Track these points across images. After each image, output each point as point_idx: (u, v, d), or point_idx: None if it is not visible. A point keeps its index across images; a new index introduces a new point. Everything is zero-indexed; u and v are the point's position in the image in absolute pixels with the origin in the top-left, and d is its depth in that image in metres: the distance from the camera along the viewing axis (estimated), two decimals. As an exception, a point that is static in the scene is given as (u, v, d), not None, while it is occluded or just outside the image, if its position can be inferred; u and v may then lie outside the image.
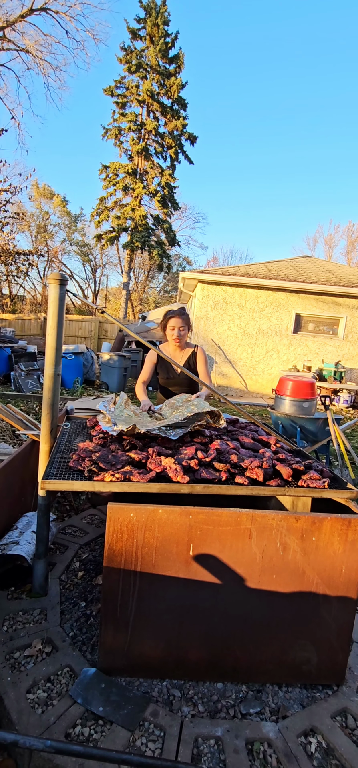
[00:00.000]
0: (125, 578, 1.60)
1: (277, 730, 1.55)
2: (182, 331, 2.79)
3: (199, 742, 1.49)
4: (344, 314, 10.92)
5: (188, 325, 2.84)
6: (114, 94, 22.15)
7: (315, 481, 1.78)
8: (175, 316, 2.79)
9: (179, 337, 2.80)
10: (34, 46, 17.97)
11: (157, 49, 21.24)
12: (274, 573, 1.66)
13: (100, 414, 2.36)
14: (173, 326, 2.80)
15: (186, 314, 2.85)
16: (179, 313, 2.80)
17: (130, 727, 1.48)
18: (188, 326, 2.84)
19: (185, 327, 2.81)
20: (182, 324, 2.78)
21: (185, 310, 2.89)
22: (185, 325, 2.80)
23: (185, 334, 2.82)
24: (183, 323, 2.79)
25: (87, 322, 18.48)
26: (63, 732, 1.44)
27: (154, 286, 35.37)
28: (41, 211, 29.07)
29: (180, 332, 2.79)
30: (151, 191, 22.38)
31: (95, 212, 23.20)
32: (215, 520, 1.59)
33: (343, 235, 37.19)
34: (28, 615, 1.99)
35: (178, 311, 2.82)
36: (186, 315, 2.84)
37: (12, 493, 2.47)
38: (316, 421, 4.80)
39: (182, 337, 2.81)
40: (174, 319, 2.79)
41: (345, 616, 1.72)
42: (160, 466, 1.72)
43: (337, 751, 1.50)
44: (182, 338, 2.82)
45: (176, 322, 2.78)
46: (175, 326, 2.79)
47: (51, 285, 2.01)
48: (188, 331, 2.87)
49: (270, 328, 11.12)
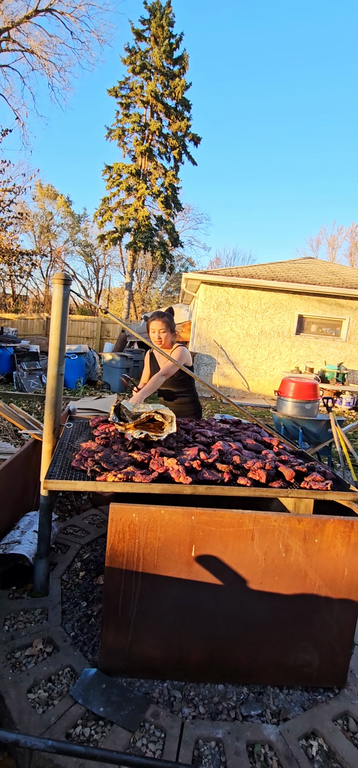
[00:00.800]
0: (127, 579, 1.60)
1: (278, 732, 1.54)
2: (162, 333, 2.79)
3: (199, 743, 1.48)
4: (347, 316, 10.90)
5: (170, 326, 2.82)
6: (118, 94, 22.21)
7: (318, 482, 1.77)
8: (154, 319, 2.81)
9: (159, 339, 2.81)
10: (39, 47, 18.05)
11: (162, 50, 21.28)
12: (276, 575, 1.65)
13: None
14: (153, 329, 2.82)
15: (167, 315, 2.84)
16: (157, 316, 2.81)
17: (130, 727, 1.48)
18: (170, 327, 2.82)
19: (166, 328, 2.80)
20: (161, 326, 2.79)
21: (166, 312, 2.87)
22: (166, 327, 2.79)
23: (166, 335, 2.81)
24: (162, 324, 2.79)
25: (89, 323, 18.52)
26: (64, 732, 1.44)
27: (157, 287, 35.42)
28: (45, 212, 29.18)
29: (160, 334, 2.80)
30: (154, 192, 22.42)
31: (98, 212, 23.26)
32: (218, 521, 1.59)
33: (346, 237, 37.27)
34: (30, 614, 1.99)
35: (156, 313, 2.83)
36: (167, 316, 2.83)
37: (14, 493, 2.48)
38: (318, 422, 4.79)
39: (163, 339, 2.81)
40: (153, 322, 2.81)
41: (347, 619, 1.71)
42: (162, 466, 1.72)
43: (338, 755, 1.49)
44: (164, 340, 2.81)
45: (155, 325, 2.80)
46: (154, 329, 2.81)
47: (55, 285, 2.01)
48: (171, 332, 2.85)
49: (273, 330, 11.11)
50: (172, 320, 2.90)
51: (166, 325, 2.80)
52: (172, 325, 2.88)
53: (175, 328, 2.92)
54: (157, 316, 2.81)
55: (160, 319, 2.79)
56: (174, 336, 2.93)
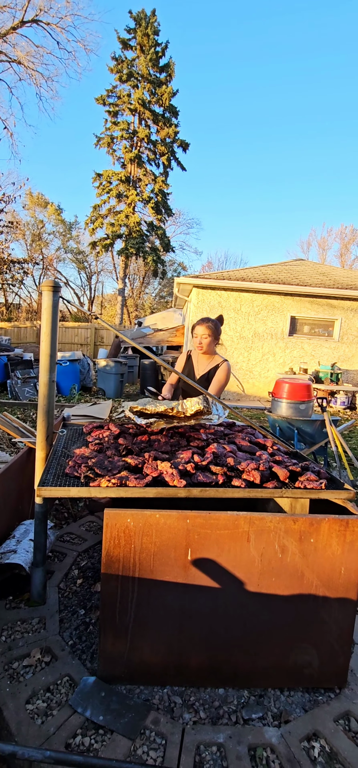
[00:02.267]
0: (124, 584, 1.59)
1: (279, 735, 1.54)
2: (205, 339, 2.83)
3: (201, 749, 1.47)
4: (339, 316, 10.98)
5: (214, 333, 2.85)
6: (106, 102, 22.30)
7: (312, 482, 1.78)
8: (200, 324, 2.86)
9: (201, 345, 2.85)
10: (26, 58, 18.08)
11: (148, 58, 21.43)
12: (273, 576, 1.65)
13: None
14: (196, 334, 2.87)
15: (212, 322, 2.86)
16: (203, 321, 2.86)
17: (131, 735, 1.47)
18: (214, 334, 2.85)
19: (209, 335, 2.83)
20: (205, 332, 2.83)
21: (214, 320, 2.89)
22: (209, 333, 2.83)
23: (209, 342, 2.84)
24: (206, 330, 2.83)
25: (83, 329, 18.48)
26: (63, 742, 1.42)
27: (150, 292, 35.45)
28: (36, 220, 29.13)
29: (202, 340, 2.84)
30: (144, 198, 22.51)
31: (89, 220, 23.28)
32: (213, 523, 1.59)
33: (336, 238, 37.54)
34: (27, 624, 1.97)
35: (203, 320, 2.87)
36: (212, 323, 2.86)
37: (9, 502, 2.45)
38: (313, 423, 4.81)
39: (204, 345, 2.84)
40: (198, 327, 2.86)
41: (346, 618, 1.71)
42: (156, 470, 1.71)
43: (340, 755, 1.49)
44: (205, 346, 2.84)
45: (199, 330, 2.85)
46: (197, 334, 2.86)
47: (44, 292, 2.01)
48: (215, 339, 2.88)
49: (266, 332, 11.16)
50: (218, 328, 2.92)
51: (210, 331, 2.83)
52: (218, 332, 2.90)
53: (219, 336, 2.94)
54: (202, 321, 2.86)
55: (205, 325, 2.83)
56: (217, 344, 2.96)
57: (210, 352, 2.92)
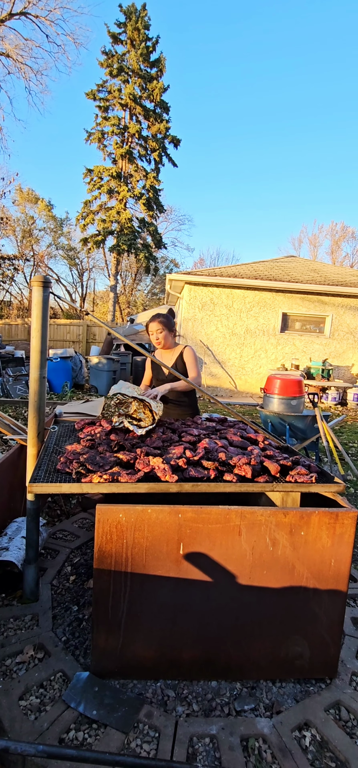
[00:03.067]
0: (116, 580, 1.59)
1: (271, 725, 1.56)
2: (160, 333, 2.82)
3: (194, 741, 1.49)
4: (330, 312, 11.07)
5: (167, 326, 2.84)
6: (96, 97, 22.11)
7: (303, 476, 1.80)
8: (151, 321, 2.85)
9: (158, 341, 2.85)
10: (15, 51, 17.82)
11: (139, 53, 21.28)
12: (264, 569, 1.67)
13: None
14: (151, 332, 2.86)
15: (163, 316, 2.85)
16: (154, 318, 2.84)
17: (124, 729, 1.47)
18: (168, 327, 2.84)
19: (163, 329, 2.82)
20: (158, 327, 2.82)
21: (164, 313, 2.88)
22: (163, 327, 2.82)
23: (165, 335, 2.84)
24: (158, 326, 2.81)
25: (75, 326, 18.37)
26: (57, 737, 1.42)
27: (142, 289, 35.35)
28: (26, 216, 28.81)
29: (158, 335, 2.83)
30: (136, 194, 22.38)
31: (80, 216, 23.10)
32: (205, 518, 1.60)
33: (327, 235, 37.75)
34: (20, 621, 1.96)
35: (154, 316, 2.86)
36: (163, 317, 2.84)
37: (1, 499, 2.44)
38: (304, 418, 4.85)
39: (162, 340, 2.84)
40: (151, 324, 2.85)
41: (336, 609, 1.73)
42: (148, 466, 1.72)
43: (331, 744, 1.51)
44: (163, 340, 2.84)
45: (152, 327, 2.84)
46: (153, 331, 2.85)
47: (34, 287, 2.00)
48: (170, 332, 2.88)
49: (258, 328, 11.20)
50: (171, 320, 2.91)
51: (162, 325, 2.82)
52: (171, 324, 2.89)
53: (174, 328, 2.93)
54: (154, 318, 2.84)
55: (157, 320, 2.82)
56: (174, 335, 2.95)
57: (170, 345, 2.91)
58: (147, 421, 2.22)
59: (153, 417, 2.23)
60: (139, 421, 2.22)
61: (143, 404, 2.27)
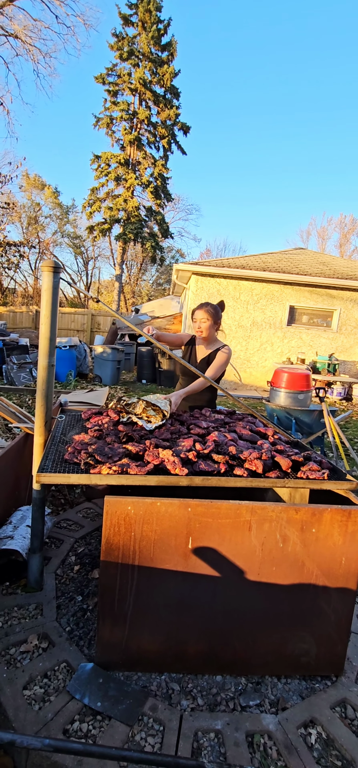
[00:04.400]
0: (123, 572, 1.57)
1: (277, 722, 1.54)
2: (203, 323, 2.78)
3: (199, 735, 1.47)
4: (338, 306, 10.94)
5: (213, 316, 2.79)
6: (106, 81, 21.78)
7: (315, 472, 1.76)
8: (199, 308, 2.82)
9: (200, 330, 2.80)
10: (23, 32, 17.56)
11: (150, 36, 20.89)
12: (273, 565, 1.64)
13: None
14: (196, 319, 2.83)
15: (212, 307, 2.81)
16: (202, 305, 2.81)
17: (129, 722, 1.46)
18: (213, 318, 2.79)
19: (208, 318, 2.78)
20: (204, 315, 2.78)
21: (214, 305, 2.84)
22: (208, 317, 2.78)
23: (208, 327, 2.79)
24: (205, 314, 2.78)
25: (80, 315, 18.32)
26: (61, 728, 1.42)
27: (147, 279, 35.19)
28: (32, 202, 28.66)
29: (201, 324, 2.79)
30: (143, 182, 22.13)
31: (87, 203, 22.90)
32: (214, 512, 1.57)
33: (336, 228, 37.32)
34: (24, 610, 1.95)
35: (203, 304, 2.83)
36: (212, 307, 2.80)
37: (6, 488, 2.43)
38: (311, 413, 4.80)
39: (204, 330, 2.79)
40: (197, 311, 2.82)
41: (344, 608, 1.71)
42: (158, 458, 1.69)
43: (337, 742, 1.50)
44: (205, 330, 2.79)
45: (198, 315, 2.81)
46: (197, 319, 2.82)
47: (44, 273, 1.96)
48: (215, 324, 2.82)
49: (264, 321, 11.11)
50: (219, 312, 2.86)
51: (209, 315, 2.77)
52: (217, 317, 2.84)
53: (219, 321, 2.88)
54: (202, 306, 2.81)
55: (204, 309, 2.78)
56: (218, 329, 2.91)
57: (210, 337, 2.87)
58: (157, 419, 2.18)
59: (163, 415, 2.20)
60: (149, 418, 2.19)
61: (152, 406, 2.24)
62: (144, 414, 2.21)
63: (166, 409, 2.22)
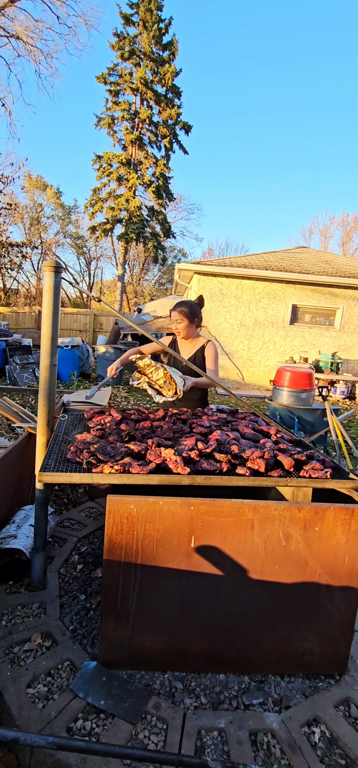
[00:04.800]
0: (126, 571, 1.58)
1: (280, 720, 1.54)
2: (179, 324, 2.76)
3: (202, 734, 1.47)
4: (340, 305, 10.91)
5: (188, 316, 2.76)
6: (107, 81, 21.77)
7: (317, 471, 1.76)
8: (173, 308, 2.79)
9: (178, 330, 2.79)
10: (25, 33, 17.59)
11: (151, 35, 20.87)
12: (276, 564, 1.64)
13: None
14: (172, 320, 2.81)
15: (186, 306, 2.78)
16: (176, 306, 2.78)
17: (132, 720, 1.47)
18: (188, 318, 2.76)
19: (182, 319, 2.74)
20: (177, 317, 2.75)
21: (187, 301, 2.82)
22: (182, 318, 2.74)
23: (184, 326, 2.76)
24: (178, 315, 2.75)
25: (82, 315, 18.35)
26: (64, 726, 1.42)
27: (150, 279, 35.18)
28: (34, 203, 28.72)
29: (177, 325, 2.77)
30: (145, 182, 22.12)
31: (89, 203, 22.91)
32: (217, 511, 1.57)
33: (338, 226, 37.24)
34: (27, 609, 1.96)
35: (177, 304, 2.79)
36: (186, 306, 2.77)
37: (9, 487, 2.44)
38: (314, 411, 4.79)
39: (181, 330, 2.77)
40: (172, 312, 2.79)
41: (348, 606, 1.71)
42: (160, 457, 1.69)
43: (340, 741, 1.49)
44: (182, 330, 2.77)
45: (173, 315, 2.78)
46: (173, 320, 2.80)
47: (46, 273, 1.96)
48: (191, 323, 2.79)
49: (267, 320, 11.09)
50: (195, 310, 2.81)
51: (183, 315, 2.74)
52: (193, 315, 2.79)
53: (197, 318, 2.83)
54: (176, 306, 2.79)
55: (178, 309, 2.75)
56: (197, 326, 2.87)
57: (191, 336, 2.83)
58: (169, 393, 2.18)
59: (175, 391, 2.20)
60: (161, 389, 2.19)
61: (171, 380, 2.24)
62: (157, 384, 2.21)
63: (180, 387, 2.21)
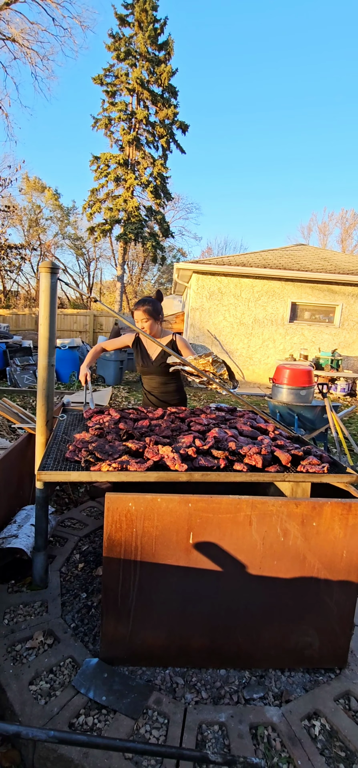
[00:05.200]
0: (125, 568, 1.59)
1: (280, 714, 1.55)
2: (145, 323, 2.70)
3: (203, 728, 1.49)
4: (340, 302, 10.91)
5: (152, 314, 2.71)
6: (103, 82, 21.78)
7: (314, 466, 1.77)
8: (136, 308, 2.72)
9: (143, 328, 2.72)
10: (21, 35, 17.61)
11: (146, 35, 20.87)
12: (275, 559, 1.65)
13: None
14: (137, 320, 2.74)
15: (149, 303, 2.71)
16: (139, 306, 2.71)
17: (133, 715, 1.48)
18: (153, 316, 2.71)
19: (147, 318, 2.70)
20: (142, 316, 2.70)
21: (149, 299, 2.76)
22: (147, 317, 2.69)
23: (150, 325, 2.72)
24: (143, 315, 2.69)
25: (82, 316, 18.37)
26: (66, 722, 1.44)
27: (149, 279, 35.21)
28: (33, 205, 28.74)
29: (143, 324, 2.71)
30: (143, 182, 22.13)
31: (87, 204, 22.92)
32: (215, 507, 1.58)
33: (337, 223, 37.24)
34: (29, 607, 1.98)
35: (139, 303, 2.72)
36: (149, 305, 2.71)
37: (10, 487, 2.45)
38: (314, 408, 4.80)
39: (147, 328, 2.72)
40: (135, 312, 2.73)
41: (347, 601, 1.72)
42: (157, 455, 1.70)
43: (341, 733, 1.51)
44: (149, 330, 2.72)
45: (137, 316, 2.72)
46: (137, 320, 2.73)
47: (42, 274, 1.98)
48: (156, 321, 2.75)
49: (266, 318, 11.10)
50: (157, 307, 2.76)
51: (148, 315, 2.69)
52: (156, 312, 2.74)
53: (159, 315, 2.78)
54: (138, 306, 2.71)
55: (142, 309, 2.69)
56: (160, 323, 2.82)
57: (156, 334, 2.78)
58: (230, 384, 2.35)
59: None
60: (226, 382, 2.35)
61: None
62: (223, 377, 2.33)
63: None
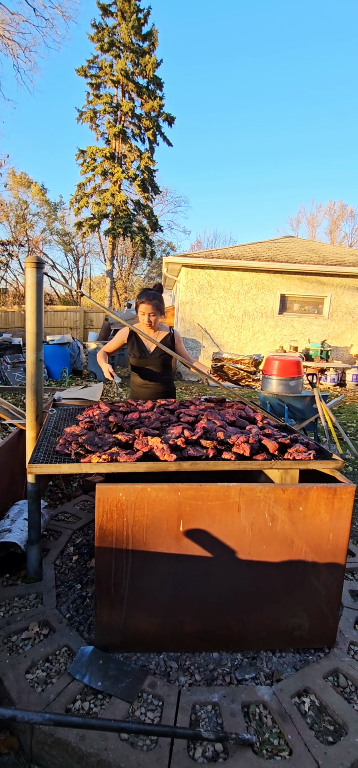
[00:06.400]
0: (118, 557, 1.62)
1: (271, 692, 1.60)
2: (153, 317, 2.73)
3: (196, 708, 1.53)
4: (328, 293, 11.01)
5: (160, 309, 2.76)
6: (87, 74, 21.47)
7: (301, 453, 1.81)
8: (146, 302, 2.71)
9: (150, 323, 2.75)
10: (1, 26, 17.25)
11: (130, 25, 20.60)
12: (263, 544, 1.70)
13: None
14: (143, 312, 2.73)
15: (157, 298, 2.75)
16: (149, 298, 2.71)
17: (129, 698, 1.52)
18: (160, 311, 2.76)
19: (156, 313, 2.74)
20: (152, 310, 2.72)
21: (157, 293, 2.79)
22: (156, 311, 2.73)
23: (156, 319, 2.76)
24: (153, 309, 2.72)
25: (72, 312, 18.25)
26: (63, 707, 1.47)
27: (139, 273, 35.03)
28: (19, 201, 28.33)
29: (151, 318, 2.73)
30: (130, 175, 21.96)
31: (74, 199, 22.68)
32: (204, 495, 1.62)
33: (325, 215, 37.33)
34: (24, 600, 2.00)
35: (149, 295, 2.72)
36: (157, 299, 2.74)
37: (1, 483, 2.46)
38: (303, 399, 4.87)
39: (154, 323, 2.76)
40: (144, 305, 2.72)
41: (334, 582, 1.77)
42: (147, 446, 1.73)
43: (329, 708, 1.56)
44: (155, 323, 2.77)
45: (146, 308, 2.71)
46: (145, 312, 2.73)
47: (27, 269, 1.98)
48: (161, 315, 2.80)
49: (256, 310, 11.15)
50: (162, 301, 2.81)
51: (157, 309, 2.73)
52: (162, 307, 2.80)
53: (164, 309, 2.83)
54: (147, 299, 2.70)
55: (151, 303, 2.70)
56: (163, 318, 2.89)
57: (157, 327, 2.84)
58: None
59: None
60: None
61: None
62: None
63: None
